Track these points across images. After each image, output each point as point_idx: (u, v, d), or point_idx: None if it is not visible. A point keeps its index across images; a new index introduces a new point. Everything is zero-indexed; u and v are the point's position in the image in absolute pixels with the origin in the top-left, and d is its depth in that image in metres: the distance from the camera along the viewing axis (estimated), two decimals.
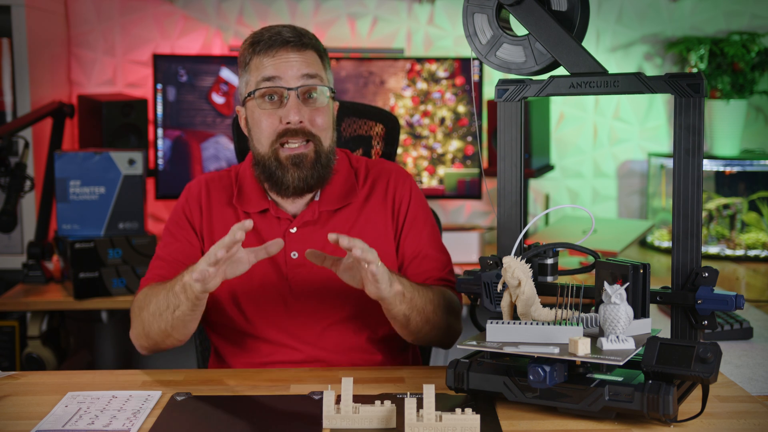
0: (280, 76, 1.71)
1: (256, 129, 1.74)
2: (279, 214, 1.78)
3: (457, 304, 1.78)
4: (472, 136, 3.15)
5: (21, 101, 2.89)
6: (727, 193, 3.31)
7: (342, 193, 1.80)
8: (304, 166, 1.72)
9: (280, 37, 1.72)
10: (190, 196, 1.83)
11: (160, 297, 1.60)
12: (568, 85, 1.51)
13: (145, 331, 1.66)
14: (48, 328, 2.71)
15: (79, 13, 3.27)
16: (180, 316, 1.58)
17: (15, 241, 2.94)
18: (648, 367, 1.33)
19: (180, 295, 1.54)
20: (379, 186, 1.83)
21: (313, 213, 1.77)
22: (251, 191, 1.80)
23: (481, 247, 2.98)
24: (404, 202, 1.83)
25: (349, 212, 1.80)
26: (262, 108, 1.72)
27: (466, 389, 1.44)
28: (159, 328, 1.62)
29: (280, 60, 1.71)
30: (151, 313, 1.62)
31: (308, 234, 1.77)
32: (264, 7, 3.31)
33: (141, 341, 1.70)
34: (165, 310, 1.59)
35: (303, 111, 1.71)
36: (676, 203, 1.45)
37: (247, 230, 1.44)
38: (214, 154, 3.08)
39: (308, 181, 1.73)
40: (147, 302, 1.65)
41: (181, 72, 3.04)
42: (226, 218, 1.80)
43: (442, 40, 3.36)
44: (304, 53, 1.73)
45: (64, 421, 1.38)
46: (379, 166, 1.87)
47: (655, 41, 3.42)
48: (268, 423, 1.38)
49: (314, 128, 1.72)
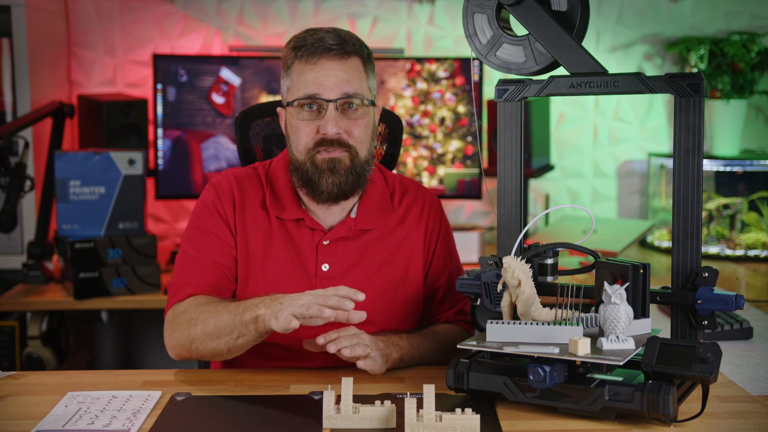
0: (320, 87, 1.69)
1: (294, 136, 1.73)
2: (313, 225, 1.75)
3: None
4: (472, 136, 3.15)
5: (21, 101, 2.89)
6: (727, 193, 3.31)
7: (378, 212, 1.79)
8: (338, 172, 1.70)
9: (322, 44, 1.69)
10: (221, 192, 1.77)
11: (221, 319, 1.56)
12: (568, 85, 1.51)
13: (193, 346, 1.62)
14: (48, 328, 2.71)
15: (79, 13, 3.27)
16: (243, 344, 1.56)
17: (15, 241, 2.94)
18: (648, 367, 1.33)
19: (249, 325, 1.52)
20: (414, 211, 1.83)
21: (348, 230, 1.76)
22: (285, 197, 1.77)
23: (481, 247, 2.98)
24: (435, 231, 1.84)
25: (381, 232, 1.79)
26: (300, 117, 1.71)
27: (466, 389, 1.44)
28: (214, 348, 1.59)
29: (321, 69, 1.69)
30: (208, 333, 1.58)
31: (341, 247, 1.76)
32: (264, 7, 3.31)
33: (182, 351, 1.65)
34: (227, 335, 1.55)
35: (341, 122, 1.69)
36: (676, 203, 1.45)
37: (358, 301, 1.44)
38: (214, 154, 3.08)
39: (342, 187, 1.71)
40: (202, 319, 1.59)
41: (181, 72, 3.04)
42: (259, 221, 1.76)
43: (442, 40, 3.36)
44: (347, 62, 1.70)
45: (64, 421, 1.38)
46: (413, 190, 1.86)
47: (655, 41, 3.42)
48: (268, 423, 1.38)
49: (351, 139, 1.71)
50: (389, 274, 1.76)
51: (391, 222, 1.80)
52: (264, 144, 2.04)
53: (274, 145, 2.05)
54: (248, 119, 2.02)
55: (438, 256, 1.83)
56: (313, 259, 1.74)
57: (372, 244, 1.77)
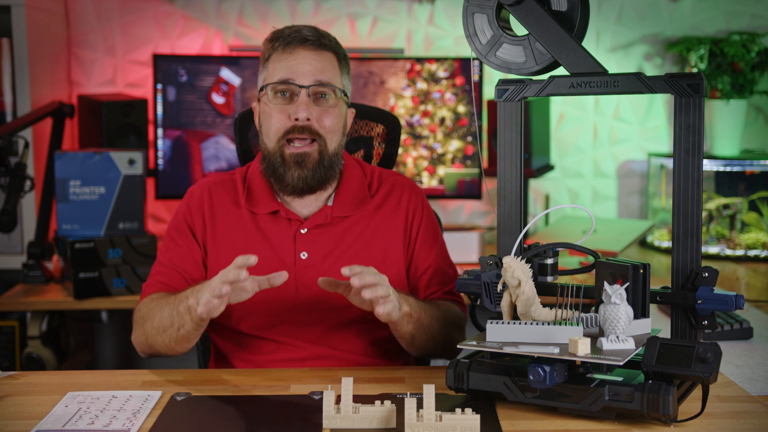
0: (294, 73, 1.72)
1: (266, 124, 1.76)
2: (289, 215, 1.78)
3: (462, 318, 1.81)
4: (472, 136, 3.15)
5: (21, 101, 2.89)
6: (727, 193, 3.31)
7: (355, 200, 1.81)
8: (306, 166, 1.73)
9: (299, 35, 1.73)
10: (192, 202, 1.83)
11: (164, 313, 1.62)
12: (568, 85, 1.51)
13: (148, 342, 1.69)
14: (48, 328, 2.71)
15: (79, 13, 3.27)
16: (184, 335, 1.60)
17: (15, 241, 2.94)
18: (648, 367, 1.33)
19: (184, 316, 1.57)
20: (392, 198, 1.84)
21: (326, 217, 1.78)
22: (260, 192, 1.80)
23: (481, 247, 2.98)
24: (417, 216, 1.85)
25: (359, 218, 1.81)
26: (273, 103, 1.74)
27: (466, 389, 1.44)
28: (163, 342, 1.65)
29: (296, 58, 1.73)
30: (155, 327, 1.64)
31: (319, 235, 1.77)
32: (264, 7, 3.31)
33: (143, 348, 1.73)
34: (169, 327, 1.61)
35: (312, 109, 1.72)
36: (676, 203, 1.45)
37: (251, 266, 1.45)
38: (214, 154, 3.08)
39: (308, 182, 1.74)
40: (150, 315, 1.66)
41: (181, 72, 3.04)
42: (232, 221, 1.80)
43: (442, 40, 3.36)
44: (322, 54, 1.74)
45: (64, 421, 1.38)
46: (392, 179, 1.88)
47: (655, 41, 3.42)
48: (268, 423, 1.38)
49: (321, 128, 1.73)
50: (368, 259, 1.77)
51: (369, 209, 1.81)
52: None
53: None
54: (247, 120, 2.03)
55: (422, 240, 1.83)
56: (291, 249, 1.76)
57: (349, 231, 1.79)
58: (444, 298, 1.82)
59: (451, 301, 1.82)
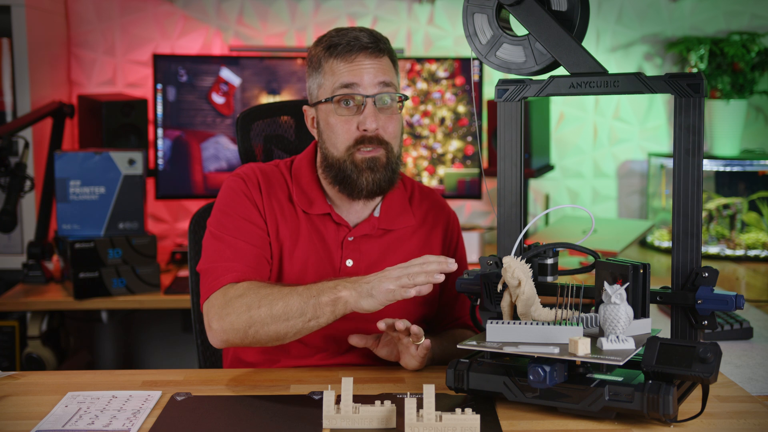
0: (358, 83, 1.70)
1: (331, 134, 1.74)
2: (339, 220, 1.78)
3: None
4: (472, 136, 3.15)
5: (21, 101, 2.89)
6: (727, 193, 3.31)
7: (398, 213, 1.83)
8: (377, 169, 1.73)
9: (358, 43, 1.71)
10: (249, 180, 1.78)
11: (291, 301, 1.55)
12: (568, 85, 1.51)
13: (251, 330, 1.58)
14: (48, 328, 2.71)
15: (79, 13, 3.27)
16: (313, 326, 1.56)
17: (15, 241, 2.94)
18: (648, 367, 1.33)
19: (326, 307, 1.52)
20: (431, 215, 1.86)
21: (372, 228, 1.79)
22: (311, 192, 1.79)
23: (481, 247, 2.98)
24: (454, 240, 1.89)
25: (402, 234, 1.82)
26: (339, 114, 1.72)
27: (466, 389, 1.44)
28: (276, 331, 1.57)
29: (357, 66, 1.71)
30: (275, 315, 1.55)
31: (364, 244, 1.78)
32: (264, 7, 3.31)
33: (232, 336, 1.60)
34: (297, 317, 1.54)
35: (379, 118, 1.72)
36: (676, 203, 1.45)
37: (451, 271, 1.49)
38: (214, 154, 3.08)
39: (381, 184, 1.74)
40: (266, 302, 1.57)
41: (181, 72, 3.04)
42: (287, 213, 1.77)
43: (442, 40, 3.36)
44: (380, 59, 1.73)
45: (64, 421, 1.38)
46: (430, 197, 1.90)
47: (655, 41, 3.42)
48: (268, 423, 1.38)
49: (386, 135, 1.73)
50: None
51: (411, 224, 1.83)
52: (264, 145, 2.05)
53: (275, 146, 2.05)
54: (249, 120, 2.03)
55: (457, 261, 1.83)
56: (338, 254, 1.77)
57: (395, 245, 1.80)
58: (467, 324, 1.87)
59: (470, 328, 1.86)
